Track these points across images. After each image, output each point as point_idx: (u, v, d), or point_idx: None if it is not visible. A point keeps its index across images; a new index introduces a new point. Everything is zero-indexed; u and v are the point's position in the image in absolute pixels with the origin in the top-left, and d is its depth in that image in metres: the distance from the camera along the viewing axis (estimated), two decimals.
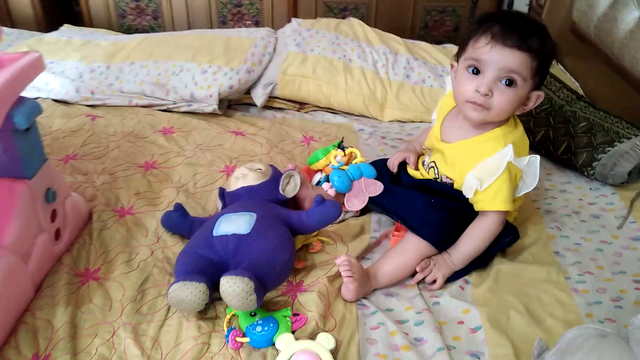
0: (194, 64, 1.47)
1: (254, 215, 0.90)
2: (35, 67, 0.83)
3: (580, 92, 1.55)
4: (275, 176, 1.03)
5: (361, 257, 0.98)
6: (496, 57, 0.86)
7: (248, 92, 1.50)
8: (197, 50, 1.52)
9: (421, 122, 1.47)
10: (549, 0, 1.79)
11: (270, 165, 1.07)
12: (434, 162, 1.01)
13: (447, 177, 0.99)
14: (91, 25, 2.25)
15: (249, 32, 1.65)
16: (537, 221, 1.07)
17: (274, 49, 1.59)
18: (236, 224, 0.89)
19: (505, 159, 0.89)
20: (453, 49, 1.68)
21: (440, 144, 0.99)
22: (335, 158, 1.13)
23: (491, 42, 0.85)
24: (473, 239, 0.93)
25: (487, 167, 0.90)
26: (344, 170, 1.09)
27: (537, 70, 0.87)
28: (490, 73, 0.87)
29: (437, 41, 1.94)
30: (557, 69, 1.65)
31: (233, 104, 1.52)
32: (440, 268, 0.92)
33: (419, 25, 2.30)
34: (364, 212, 1.09)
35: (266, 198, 0.99)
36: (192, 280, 0.79)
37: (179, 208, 1.00)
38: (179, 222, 0.99)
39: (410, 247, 0.93)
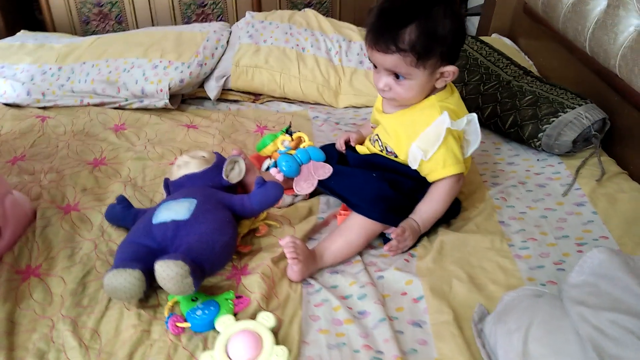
0: (145, 60, 1.45)
1: (194, 201, 0.90)
2: None
3: (534, 69, 1.56)
4: (219, 163, 1.02)
5: (308, 237, 0.98)
6: (375, 59, 0.90)
7: (202, 86, 1.49)
8: (148, 47, 1.50)
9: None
10: None
11: (214, 152, 1.06)
12: (377, 134, 1.02)
13: (391, 148, 0.99)
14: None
15: (202, 27, 1.64)
16: (483, 193, 1.08)
17: (227, 42, 1.59)
18: (175, 211, 0.88)
19: (443, 126, 0.90)
20: None
21: (381, 115, 1.01)
22: (282, 143, 1.12)
23: (368, 48, 0.90)
24: (433, 201, 0.94)
25: (427, 137, 0.92)
26: (291, 154, 1.09)
27: (418, 58, 0.86)
28: (381, 70, 0.91)
29: None
30: (510, 49, 1.67)
31: (187, 98, 1.51)
32: (412, 235, 0.92)
33: None
34: (313, 195, 1.09)
35: (209, 184, 0.98)
36: (126, 267, 0.78)
37: (122, 200, 0.99)
38: (123, 214, 0.98)
39: (355, 225, 0.93)
